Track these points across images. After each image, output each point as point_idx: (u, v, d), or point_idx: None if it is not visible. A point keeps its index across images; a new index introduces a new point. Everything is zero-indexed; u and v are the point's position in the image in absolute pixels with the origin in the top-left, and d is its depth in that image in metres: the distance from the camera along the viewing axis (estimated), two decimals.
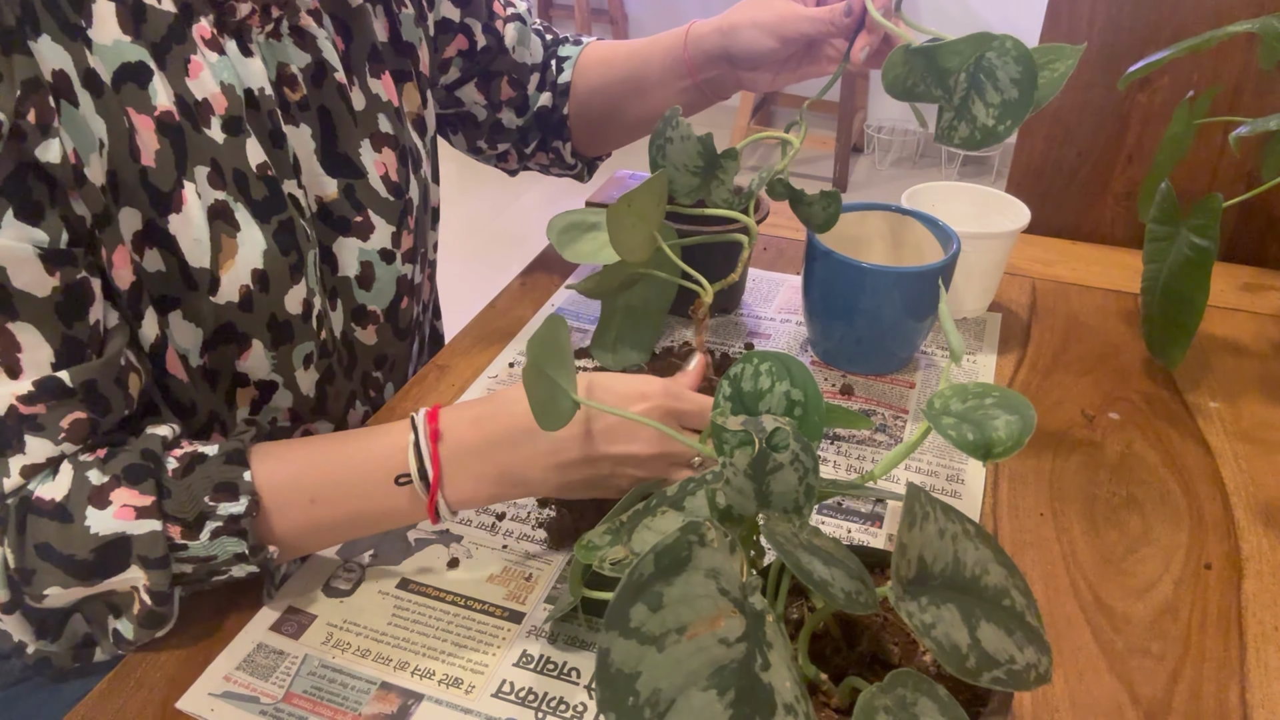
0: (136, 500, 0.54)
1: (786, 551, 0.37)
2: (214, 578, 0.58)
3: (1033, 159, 1.08)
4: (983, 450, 0.39)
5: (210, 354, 0.64)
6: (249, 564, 0.57)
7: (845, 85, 3.12)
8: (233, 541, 0.56)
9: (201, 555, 0.56)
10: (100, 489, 0.54)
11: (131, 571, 0.54)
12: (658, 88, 0.87)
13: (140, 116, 0.58)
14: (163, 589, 0.55)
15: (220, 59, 0.61)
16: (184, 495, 0.55)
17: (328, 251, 0.72)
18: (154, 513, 0.54)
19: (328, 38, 0.70)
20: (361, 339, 0.77)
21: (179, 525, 0.55)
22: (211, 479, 0.56)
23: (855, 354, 0.83)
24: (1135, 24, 0.98)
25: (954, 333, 0.47)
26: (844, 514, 0.68)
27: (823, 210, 0.73)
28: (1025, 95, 0.61)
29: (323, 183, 0.71)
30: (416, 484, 0.58)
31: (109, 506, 0.54)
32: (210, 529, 0.55)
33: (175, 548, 0.55)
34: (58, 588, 0.54)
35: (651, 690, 0.34)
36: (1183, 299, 0.77)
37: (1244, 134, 0.71)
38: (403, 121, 0.77)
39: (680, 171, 0.69)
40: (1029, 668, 0.39)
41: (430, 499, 0.59)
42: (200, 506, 0.55)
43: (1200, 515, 0.69)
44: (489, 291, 0.98)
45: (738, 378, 0.51)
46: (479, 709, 0.54)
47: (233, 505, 0.56)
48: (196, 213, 0.60)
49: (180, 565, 0.56)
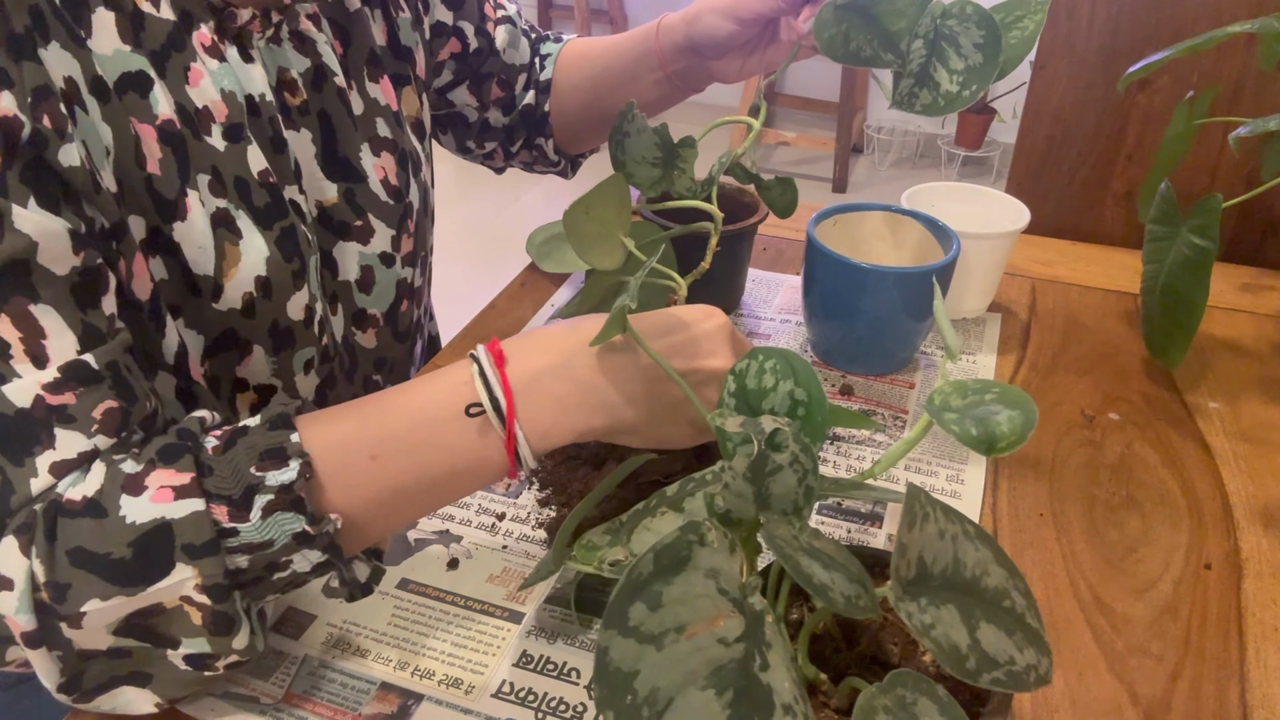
0: (174, 480, 0.48)
1: (786, 555, 0.37)
2: (276, 574, 0.50)
3: (1033, 159, 1.08)
4: (986, 445, 0.39)
5: (211, 360, 0.64)
6: (313, 547, 0.50)
7: (845, 86, 3.12)
8: (288, 518, 0.49)
9: (256, 541, 0.49)
10: (135, 476, 0.48)
11: (178, 572, 0.47)
12: (632, 81, 0.88)
13: (142, 126, 0.58)
14: (217, 580, 0.47)
15: (221, 66, 0.61)
16: (227, 469, 0.49)
17: (328, 256, 0.72)
18: (194, 491, 0.47)
19: (327, 42, 0.70)
20: (362, 343, 0.77)
21: (224, 504, 0.48)
22: (256, 448, 0.50)
23: (855, 354, 0.83)
24: (1135, 24, 0.98)
25: (949, 331, 0.47)
26: (843, 514, 0.68)
27: (780, 196, 0.74)
28: (990, 59, 0.61)
29: (323, 187, 0.71)
30: (490, 415, 0.52)
31: (145, 492, 0.47)
32: (261, 504, 0.48)
33: (224, 533, 0.48)
34: (96, 600, 0.46)
35: (650, 689, 0.34)
36: (1182, 299, 0.77)
37: (1244, 134, 0.71)
38: (402, 126, 0.77)
39: (641, 164, 0.69)
40: (1029, 669, 0.39)
41: (508, 432, 0.52)
42: (246, 479, 0.48)
43: (1200, 515, 0.69)
44: (489, 291, 0.98)
45: (742, 374, 0.51)
46: (479, 709, 0.54)
47: (283, 473, 0.49)
48: (200, 220, 0.60)
49: (233, 557, 0.48)
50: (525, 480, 0.71)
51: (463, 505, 0.69)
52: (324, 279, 0.72)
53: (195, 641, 0.49)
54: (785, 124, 3.71)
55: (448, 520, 0.68)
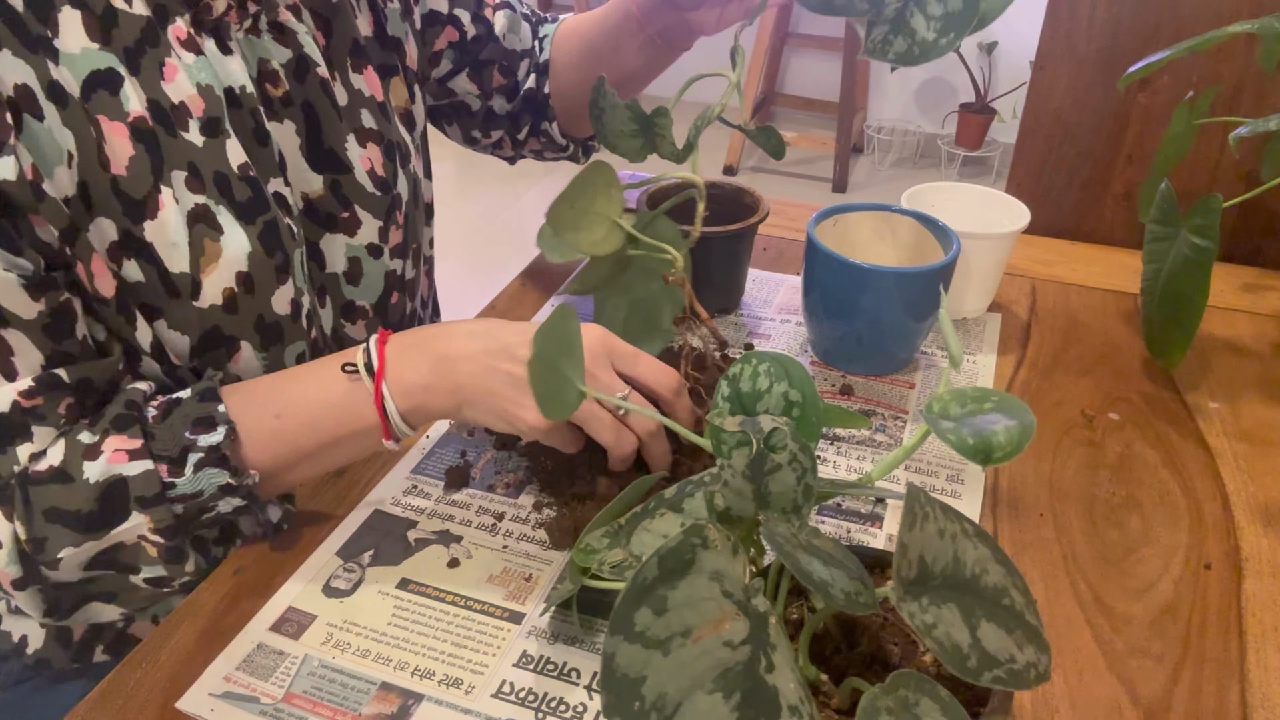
0: (126, 444, 0.57)
1: (786, 553, 0.37)
2: (204, 515, 0.60)
3: (1033, 159, 1.08)
4: (982, 455, 0.39)
5: (199, 360, 0.65)
6: (234, 495, 0.60)
7: (845, 86, 3.12)
8: (215, 472, 0.59)
9: (189, 491, 0.58)
10: (92, 445, 0.57)
11: (133, 518, 0.57)
12: (616, 50, 0.87)
13: (113, 124, 0.58)
14: (168, 523, 0.58)
15: (198, 59, 0.61)
16: (166, 434, 0.58)
17: (315, 248, 0.72)
18: (144, 454, 0.57)
19: (308, 32, 0.70)
20: (352, 335, 0.77)
21: (165, 463, 0.58)
22: (189, 416, 0.59)
23: (855, 354, 0.83)
24: (1135, 24, 0.98)
25: (954, 338, 0.47)
26: (844, 514, 0.68)
27: (767, 140, 0.75)
28: (970, 6, 0.59)
29: (308, 179, 0.70)
30: (362, 373, 0.62)
31: (101, 455, 0.57)
32: (194, 461, 0.58)
33: (165, 485, 0.58)
34: (70, 548, 0.56)
35: (657, 694, 0.34)
36: (1183, 299, 0.77)
37: (1244, 134, 0.71)
38: (388, 116, 0.76)
39: (621, 137, 0.70)
40: (1029, 666, 0.39)
41: (376, 385, 0.61)
42: (182, 442, 0.58)
43: (1200, 515, 0.69)
44: (489, 291, 0.98)
45: (736, 378, 0.52)
46: (479, 709, 0.54)
47: (211, 436, 0.59)
48: (173, 218, 0.60)
49: (173, 506, 0.58)
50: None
51: (463, 505, 0.69)
52: (311, 271, 0.72)
53: (153, 568, 0.60)
54: (785, 124, 3.71)
55: (448, 520, 0.68)
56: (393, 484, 0.71)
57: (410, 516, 0.68)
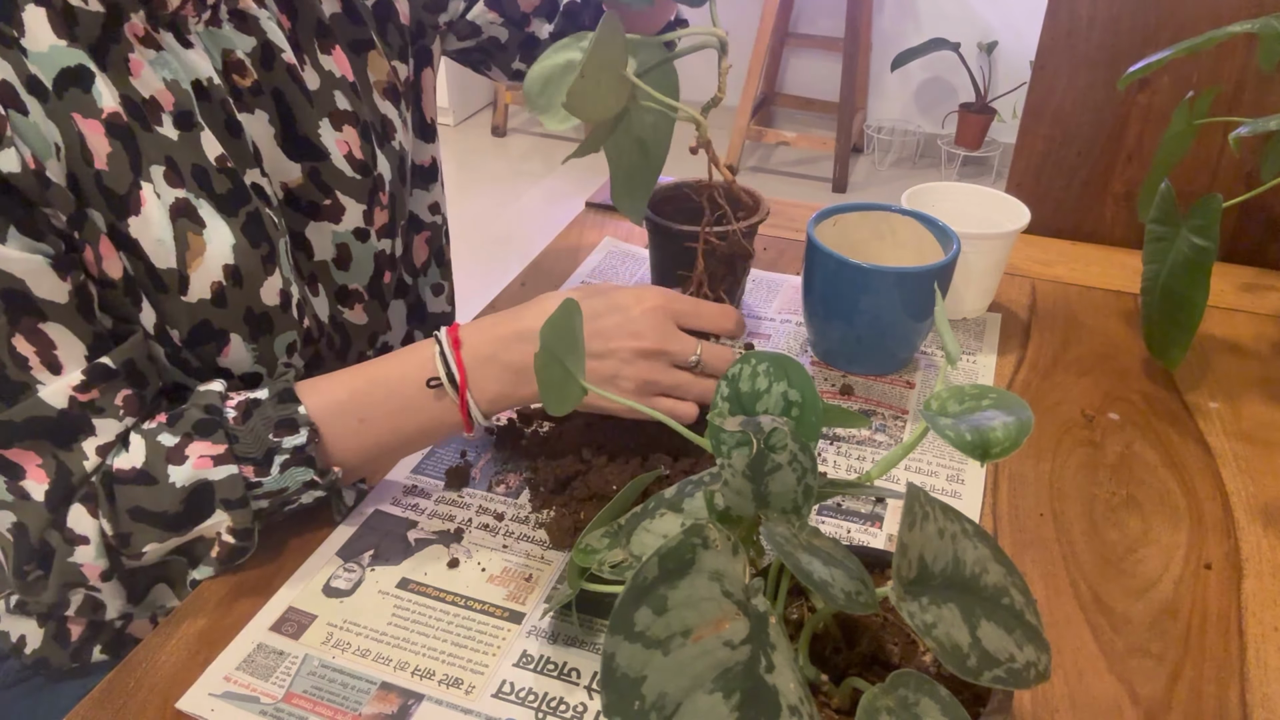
0: (211, 450, 0.59)
1: (786, 552, 0.37)
2: (286, 507, 0.64)
3: (1033, 159, 1.08)
4: (980, 451, 0.39)
5: (190, 353, 0.64)
6: (318, 489, 0.63)
7: (845, 85, 3.12)
8: (301, 471, 0.61)
9: (275, 489, 0.61)
10: (175, 448, 0.59)
11: (217, 516, 0.60)
12: None
13: (88, 121, 0.57)
14: (245, 525, 0.61)
15: (159, 55, 0.60)
16: (250, 438, 0.60)
17: (300, 238, 0.71)
18: (229, 459, 0.59)
19: (271, 18, 0.68)
20: (351, 319, 0.77)
21: (251, 465, 0.60)
22: (270, 419, 0.61)
23: (855, 354, 0.83)
24: (1135, 24, 0.98)
25: (949, 336, 0.47)
26: (844, 514, 0.68)
27: None
28: None
29: (286, 169, 0.70)
30: (446, 386, 0.64)
31: (186, 460, 0.59)
32: (279, 463, 0.61)
33: (251, 486, 0.60)
34: (154, 543, 0.59)
35: (658, 694, 0.34)
36: (1183, 299, 0.77)
37: (1244, 134, 0.71)
38: (361, 96, 0.74)
39: None
40: (1029, 665, 0.39)
41: (461, 399, 0.64)
42: (267, 444, 0.60)
43: (1200, 515, 0.69)
44: (489, 291, 0.98)
45: (735, 378, 0.52)
46: (479, 709, 0.54)
47: (295, 438, 0.61)
48: (157, 213, 0.60)
49: (257, 502, 0.61)
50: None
51: (463, 505, 0.69)
52: (299, 261, 0.71)
53: (204, 570, 0.63)
54: (785, 124, 3.71)
55: (448, 520, 0.68)
56: (393, 484, 0.71)
57: (410, 516, 0.68)
